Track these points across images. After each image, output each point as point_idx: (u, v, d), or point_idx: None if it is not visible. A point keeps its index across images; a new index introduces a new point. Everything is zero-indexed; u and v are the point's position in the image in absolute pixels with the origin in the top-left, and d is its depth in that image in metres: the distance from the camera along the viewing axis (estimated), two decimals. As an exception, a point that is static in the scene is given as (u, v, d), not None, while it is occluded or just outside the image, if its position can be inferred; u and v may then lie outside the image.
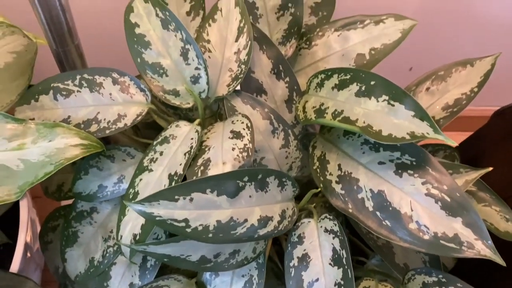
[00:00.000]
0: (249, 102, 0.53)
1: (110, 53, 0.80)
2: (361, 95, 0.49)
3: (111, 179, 0.53)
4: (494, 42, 0.97)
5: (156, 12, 0.49)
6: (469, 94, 0.61)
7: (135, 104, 0.50)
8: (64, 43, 0.56)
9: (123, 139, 0.64)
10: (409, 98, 0.45)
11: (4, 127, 0.47)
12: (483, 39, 0.97)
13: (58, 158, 0.45)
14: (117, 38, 0.74)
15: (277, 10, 0.58)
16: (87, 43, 0.63)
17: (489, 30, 0.95)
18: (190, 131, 0.49)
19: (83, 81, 0.50)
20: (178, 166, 0.47)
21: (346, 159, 0.51)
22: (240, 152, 0.45)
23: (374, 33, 0.59)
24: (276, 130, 0.53)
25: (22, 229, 0.68)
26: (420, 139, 0.43)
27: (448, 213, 0.45)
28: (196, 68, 0.50)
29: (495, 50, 0.99)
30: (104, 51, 0.81)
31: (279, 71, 0.56)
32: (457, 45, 0.99)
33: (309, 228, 0.50)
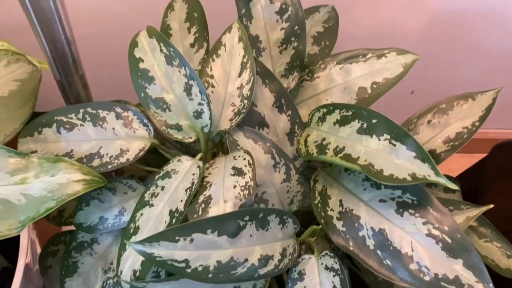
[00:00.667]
0: (251, 136, 0.53)
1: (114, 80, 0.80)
2: (362, 133, 0.49)
3: (112, 211, 0.53)
4: (495, 68, 0.98)
5: (161, 48, 0.50)
6: (471, 128, 0.61)
7: (138, 139, 0.50)
8: (69, 73, 0.56)
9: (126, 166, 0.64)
10: (410, 138, 0.46)
11: (7, 161, 0.47)
12: (485, 65, 0.98)
13: (60, 193, 0.46)
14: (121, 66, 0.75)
15: (280, 44, 0.58)
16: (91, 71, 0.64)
17: (491, 57, 0.95)
18: (192, 166, 0.49)
19: (86, 115, 0.50)
20: (179, 202, 0.47)
21: (347, 195, 0.51)
22: (241, 190, 0.45)
23: (376, 67, 0.59)
24: (278, 164, 0.53)
25: (22, 254, 0.68)
26: (422, 181, 0.44)
27: (449, 254, 0.45)
28: (199, 104, 0.50)
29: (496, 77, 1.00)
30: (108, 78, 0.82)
31: (281, 105, 0.56)
32: (459, 70, 0.99)
33: (310, 264, 0.50)
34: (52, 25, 0.48)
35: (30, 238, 0.70)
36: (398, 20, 0.87)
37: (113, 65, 0.81)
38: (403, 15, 0.85)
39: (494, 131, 1.14)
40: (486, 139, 0.87)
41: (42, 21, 0.47)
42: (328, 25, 0.70)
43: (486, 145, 0.82)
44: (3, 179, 0.47)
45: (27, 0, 0.45)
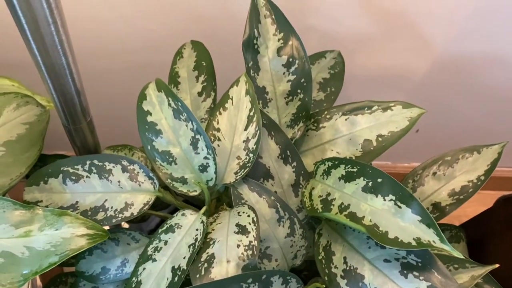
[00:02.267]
0: (255, 189, 0.53)
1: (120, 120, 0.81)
2: (368, 191, 0.49)
3: (115, 262, 0.53)
4: (500, 111, 0.98)
5: (169, 102, 0.50)
6: (476, 182, 0.61)
7: (143, 192, 0.50)
8: (77, 121, 0.57)
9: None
10: (415, 201, 0.45)
11: (12, 213, 0.47)
12: (489, 108, 0.98)
13: (63, 249, 0.45)
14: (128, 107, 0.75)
15: (287, 95, 0.59)
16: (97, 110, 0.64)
17: (496, 100, 0.96)
18: (196, 221, 0.49)
19: (93, 167, 0.50)
20: (182, 259, 0.46)
21: (351, 252, 0.50)
22: (245, 250, 0.45)
23: (382, 120, 0.60)
24: (282, 218, 0.53)
25: None
26: (426, 247, 0.43)
27: (453, 321, 0.44)
28: (205, 158, 0.50)
29: (501, 119, 1.00)
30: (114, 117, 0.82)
31: (287, 156, 0.56)
32: (464, 112, 1.00)
33: (312, 323, 0.49)
34: (62, 79, 0.48)
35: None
36: (404, 63, 0.88)
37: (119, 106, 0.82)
38: (408, 58, 0.86)
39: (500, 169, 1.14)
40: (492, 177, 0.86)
41: (52, 75, 0.48)
42: (334, 71, 0.71)
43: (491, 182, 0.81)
44: (8, 231, 0.47)
45: (38, 56, 0.45)
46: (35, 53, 0.45)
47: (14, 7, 0.39)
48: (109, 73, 0.84)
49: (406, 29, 0.79)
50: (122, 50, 0.79)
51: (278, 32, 0.57)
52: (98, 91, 0.85)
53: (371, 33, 0.80)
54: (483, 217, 0.73)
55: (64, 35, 0.44)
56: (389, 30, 0.79)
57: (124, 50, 0.79)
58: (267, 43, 0.57)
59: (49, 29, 0.42)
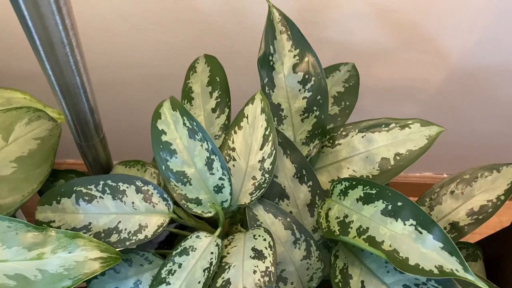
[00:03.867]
0: (271, 210, 0.52)
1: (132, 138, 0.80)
2: (387, 215, 0.48)
3: (128, 283, 0.52)
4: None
5: (184, 121, 0.49)
6: (495, 202, 0.59)
7: (157, 214, 0.49)
8: (90, 138, 0.56)
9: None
10: (437, 227, 0.44)
11: (25, 236, 0.46)
12: (505, 120, 0.96)
13: (76, 273, 0.45)
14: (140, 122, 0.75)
15: (302, 112, 0.58)
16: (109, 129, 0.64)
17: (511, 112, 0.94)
18: (210, 243, 0.48)
19: (106, 187, 0.50)
20: (197, 284, 0.45)
21: (369, 276, 0.49)
22: (261, 276, 0.44)
23: (399, 138, 0.58)
24: (298, 240, 0.52)
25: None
26: (449, 276, 0.42)
27: None
28: (220, 178, 0.49)
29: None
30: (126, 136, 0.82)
31: (302, 175, 0.55)
32: (478, 124, 0.98)
33: None
34: (76, 98, 0.48)
35: None
36: (418, 74, 0.87)
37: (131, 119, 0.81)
38: (423, 70, 0.85)
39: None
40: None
41: (66, 94, 0.47)
42: (349, 84, 0.70)
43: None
44: (20, 254, 0.46)
45: (52, 76, 0.45)
46: (49, 73, 0.44)
47: (29, 29, 0.38)
48: (121, 85, 0.83)
49: (420, 40, 0.77)
50: (135, 62, 0.78)
51: (294, 48, 0.56)
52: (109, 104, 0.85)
53: (385, 44, 0.78)
54: (500, 235, 0.71)
55: (79, 55, 0.43)
56: (403, 41, 0.78)
57: (137, 62, 0.78)
58: (282, 60, 0.56)
59: (64, 50, 0.41)
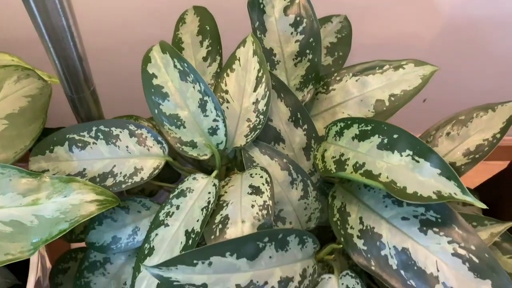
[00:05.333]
0: (267, 152, 0.52)
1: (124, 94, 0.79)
2: (383, 148, 0.47)
3: (126, 230, 0.52)
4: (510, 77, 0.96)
5: (174, 63, 0.48)
6: (491, 140, 0.59)
7: (152, 157, 0.49)
8: (80, 90, 0.55)
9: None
10: (434, 155, 0.44)
11: (19, 181, 0.46)
12: (499, 74, 0.96)
13: (73, 215, 0.44)
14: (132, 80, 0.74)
15: (295, 56, 0.57)
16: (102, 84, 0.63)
17: (505, 66, 0.93)
18: (208, 184, 0.48)
19: (99, 133, 0.49)
20: (195, 222, 0.45)
21: (367, 212, 0.49)
22: (259, 209, 0.44)
23: (394, 79, 0.58)
24: (295, 181, 0.51)
25: (32, 271, 0.67)
26: (448, 199, 0.42)
27: (476, 275, 0.43)
28: (214, 120, 0.49)
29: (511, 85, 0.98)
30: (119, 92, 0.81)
31: (297, 119, 0.55)
32: (472, 79, 0.98)
33: (330, 285, 0.48)
34: (64, 43, 0.47)
35: (39, 254, 0.69)
36: (411, 30, 0.86)
37: (123, 78, 0.80)
38: (415, 25, 0.84)
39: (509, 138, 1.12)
40: (502, 147, 0.85)
41: (53, 38, 0.46)
42: (341, 35, 0.69)
43: (502, 153, 0.79)
44: (15, 200, 0.45)
45: (38, 18, 0.44)
46: (35, 14, 0.43)
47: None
48: (110, 49, 0.82)
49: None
50: (123, 24, 0.77)
51: (284, -10, 0.55)
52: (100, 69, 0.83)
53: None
54: (497, 178, 0.71)
55: (65, -3, 0.42)
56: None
57: (125, 24, 0.77)
58: (273, 2, 0.55)
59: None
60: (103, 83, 0.68)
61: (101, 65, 0.81)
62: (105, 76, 0.84)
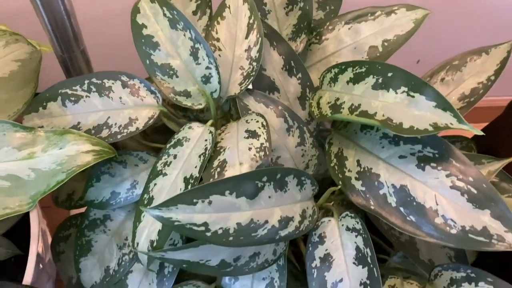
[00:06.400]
0: (261, 100, 0.51)
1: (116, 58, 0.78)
2: (378, 88, 0.47)
3: (124, 185, 0.52)
4: (504, 31, 0.95)
5: (164, 12, 0.48)
6: (486, 83, 0.59)
7: (146, 107, 0.48)
8: (70, 48, 0.54)
9: (132, 144, 0.62)
10: (429, 88, 0.44)
11: (13, 136, 0.45)
12: (491, 28, 0.95)
13: (69, 165, 0.44)
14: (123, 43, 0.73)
15: (286, 5, 0.56)
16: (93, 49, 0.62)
17: (499, 19, 0.93)
18: (204, 132, 0.48)
19: (91, 85, 0.49)
20: (194, 168, 0.45)
21: (364, 155, 0.49)
22: (257, 151, 0.44)
23: (386, 25, 0.57)
24: (291, 128, 0.51)
25: (34, 240, 0.67)
26: (444, 129, 0.42)
27: (475, 205, 0.43)
28: (207, 68, 0.49)
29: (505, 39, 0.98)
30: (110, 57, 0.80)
31: (291, 67, 0.54)
32: (465, 35, 0.97)
33: (330, 227, 0.48)
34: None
35: (40, 228, 0.69)
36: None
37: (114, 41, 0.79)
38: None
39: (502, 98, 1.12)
40: (494, 107, 0.84)
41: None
42: (332, -12, 0.68)
43: (495, 113, 0.79)
44: (11, 154, 0.45)
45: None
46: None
47: None
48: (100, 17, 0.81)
49: None
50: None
51: None
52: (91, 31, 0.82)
53: None
54: (492, 126, 0.71)
55: None
56: None
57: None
58: (261, -50, 0.54)
59: None
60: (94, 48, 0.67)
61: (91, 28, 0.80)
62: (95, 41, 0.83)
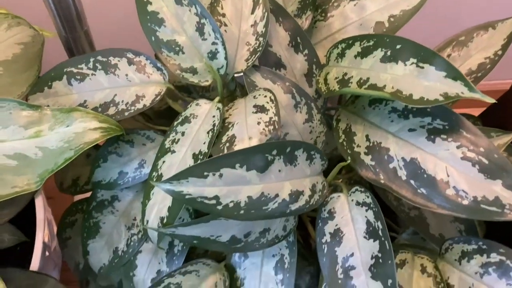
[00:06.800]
0: (268, 76, 0.51)
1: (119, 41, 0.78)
2: (387, 61, 0.47)
3: (132, 164, 0.51)
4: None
5: (168, -13, 0.47)
6: (493, 58, 0.59)
7: (153, 84, 0.48)
8: (73, 29, 0.54)
9: (136, 125, 0.62)
10: (439, 58, 0.43)
11: (19, 114, 0.45)
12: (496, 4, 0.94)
13: (77, 143, 0.44)
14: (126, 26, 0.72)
15: (291, -19, 0.56)
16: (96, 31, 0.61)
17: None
18: (211, 108, 0.47)
19: (97, 63, 0.48)
20: (202, 145, 0.45)
21: (373, 129, 0.49)
22: (266, 125, 0.44)
23: (392, 0, 0.57)
24: (299, 104, 0.51)
25: (40, 227, 0.67)
26: (455, 99, 0.42)
27: (486, 176, 0.43)
28: (213, 43, 0.48)
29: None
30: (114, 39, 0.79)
31: (297, 44, 0.54)
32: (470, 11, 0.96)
33: (339, 202, 0.48)
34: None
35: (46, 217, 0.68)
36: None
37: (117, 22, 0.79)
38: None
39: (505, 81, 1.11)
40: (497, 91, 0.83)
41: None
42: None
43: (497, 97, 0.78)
44: (17, 133, 0.45)
45: None
46: None
47: None
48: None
49: None
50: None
51: None
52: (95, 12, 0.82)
53: None
54: (500, 102, 0.71)
55: None
56: None
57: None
58: None
59: None
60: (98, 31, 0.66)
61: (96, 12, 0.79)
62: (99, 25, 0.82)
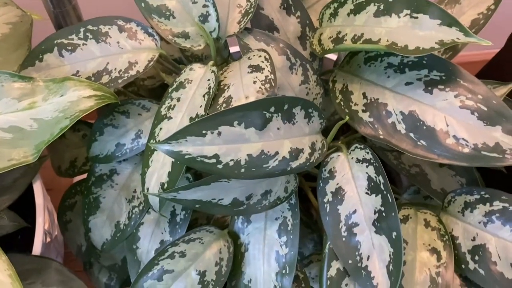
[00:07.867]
0: (262, 38, 0.50)
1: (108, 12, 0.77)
2: (380, 15, 0.46)
3: (129, 135, 0.51)
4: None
5: (155, -49, 0.46)
6: (486, 13, 0.58)
7: (145, 50, 0.47)
8: (61, 3, 0.53)
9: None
10: (433, 6, 0.43)
11: (11, 86, 0.44)
12: None
13: (72, 111, 0.43)
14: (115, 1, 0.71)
15: None
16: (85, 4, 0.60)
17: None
18: (206, 72, 0.47)
19: (87, 33, 0.47)
20: (199, 108, 0.44)
21: (370, 87, 0.49)
22: (262, 84, 0.43)
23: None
24: (294, 65, 0.50)
25: (40, 212, 0.66)
26: (450, 45, 0.41)
27: (486, 122, 0.43)
28: (204, 6, 0.47)
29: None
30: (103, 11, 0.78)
31: (289, 6, 0.53)
32: None
33: (340, 161, 0.48)
34: None
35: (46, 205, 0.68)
36: None
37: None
38: None
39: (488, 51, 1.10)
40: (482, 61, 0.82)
41: None
42: None
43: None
44: (11, 105, 0.44)
45: None
46: None
47: None
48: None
49: None
50: None
51: None
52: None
53: None
54: (495, 61, 0.71)
55: None
56: None
57: None
58: None
59: None
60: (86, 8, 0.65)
61: None
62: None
